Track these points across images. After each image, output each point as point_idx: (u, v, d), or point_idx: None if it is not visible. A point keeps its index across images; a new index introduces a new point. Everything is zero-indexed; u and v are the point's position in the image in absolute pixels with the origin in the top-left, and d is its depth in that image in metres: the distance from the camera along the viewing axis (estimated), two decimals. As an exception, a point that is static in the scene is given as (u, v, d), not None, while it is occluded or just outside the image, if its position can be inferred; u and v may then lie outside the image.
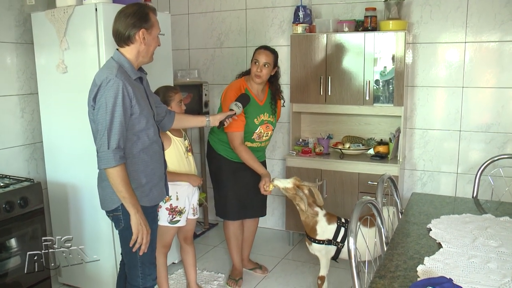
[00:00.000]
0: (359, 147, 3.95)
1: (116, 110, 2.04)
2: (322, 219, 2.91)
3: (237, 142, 3.08)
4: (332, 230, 2.90)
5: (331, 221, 2.92)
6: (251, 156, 3.09)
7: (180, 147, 2.85)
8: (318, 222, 2.90)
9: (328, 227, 2.90)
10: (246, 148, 3.10)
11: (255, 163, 3.09)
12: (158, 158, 2.29)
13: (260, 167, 3.09)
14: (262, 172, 3.06)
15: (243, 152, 3.08)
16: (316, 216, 2.90)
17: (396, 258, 1.77)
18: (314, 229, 2.91)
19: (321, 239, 2.90)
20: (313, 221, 2.90)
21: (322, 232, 2.90)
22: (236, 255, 3.46)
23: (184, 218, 2.91)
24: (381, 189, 2.24)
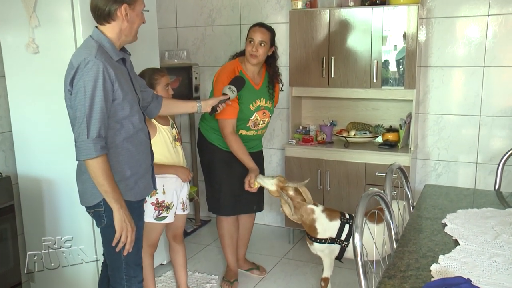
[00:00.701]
0: (365, 134, 3.95)
1: (96, 95, 2.02)
2: (320, 216, 2.90)
3: (227, 130, 3.07)
4: (335, 227, 2.90)
5: (333, 217, 2.91)
6: (241, 147, 3.09)
7: (166, 136, 2.84)
8: (317, 220, 2.89)
9: (330, 224, 2.90)
10: (237, 138, 3.10)
11: (244, 155, 3.09)
12: (144, 148, 2.28)
13: (249, 160, 3.09)
14: (250, 166, 3.07)
15: (233, 142, 3.08)
16: (312, 213, 2.90)
17: (407, 256, 1.77)
18: (314, 227, 2.91)
19: (323, 238, 2.90)
20: (310, 219, 2.90)
21: (323, 230, 2.90)
22: (230, 254, 3.47)
23: (171, 214, 2.91)
24: (389, 180, 2.23)
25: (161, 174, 2.78)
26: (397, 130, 3.89)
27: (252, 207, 3.45)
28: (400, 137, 3.77)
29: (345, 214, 2.94)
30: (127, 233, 2.15)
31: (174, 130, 2.94)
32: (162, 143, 2.83)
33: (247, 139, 3.15)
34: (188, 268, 3.60)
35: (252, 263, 3.70)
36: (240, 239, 3.57)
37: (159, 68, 3.06)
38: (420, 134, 3.98)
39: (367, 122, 4.09)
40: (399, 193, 2.60)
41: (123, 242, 2.16)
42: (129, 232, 2.16)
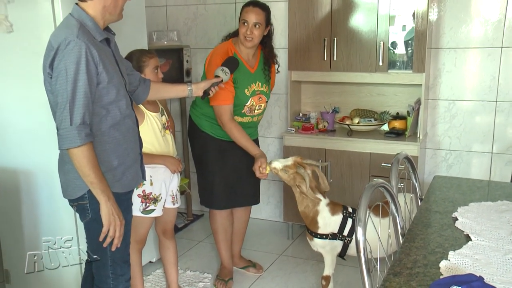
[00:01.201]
0: (370, 122, 3.94)
1: (79, 78, 2.01)
2: (324, 209, 2.91)
3: (226, 118, 3.06)
4: (336, 222, 2.91)
5: (335, 211, 2.92)
6: (243, 134, 3.08)
7: (155, 123, 2.83)
8: (320, 213, 2.90)
9: (331, 218, 2.90)
10: (237, 125, 3.09)
11: (248, 142, 3.08)
12: (131, 136, 2.28)
13: (254, 147, 3.08)
14: (256, 152, 3.06)
15: (234, 130, 3.07)
16: (317, 204, 2.90)
17: (414, 252, 1.77)
18: (315, 221, 2.91)
19: (324, 233, 2.90)
20: (314, 211, 2.90)
21: (324, 225, 2.91)
22: (225, 251, 3.47)
23: (160, 207, 2.91)
24: (395, 170, 2.23)
25: (149, 164, 2.77)
26: (405, 117, 3.88)
27: (247, 200, 3.45)
28: (408, 125, 3.76)
29: (347, 208, 2.95)
30: (116, 227, 2.15)
31: (164, 117, 2.92)
32: (150, 130, 2.82)
33: (242, 126, 3.14)
34: (179, 266, 3.61)
35: (248, 260, 3.71)
36: (235, 234, 3.57)
37: (148, 49, 3.04)
38: (430, 121, 3.98)
39: (372, 109, 4.08)
40: (406, 185, 2.60)
41: (111, 236, 2.16)
42: (118, 226, 2.16)
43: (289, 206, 4.06)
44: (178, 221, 4.54)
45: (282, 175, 2.94)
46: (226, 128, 3.09)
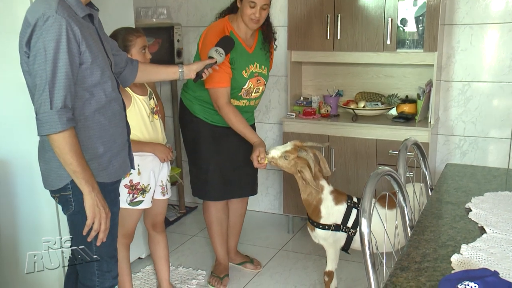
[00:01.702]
0: (377, 106, 3.94)
1: (59, 58, 1.99)
2: (327, 197, 2.91)
3: (222, 101, 3.06)
4: (340, 212, 2.91)
5: (339, 201, 2.92)
6: (241, 119, 3.08)
7: (142, 107, 2.83)
8: (323, 201, 2.91)
9: (335, 208, 2.91)
10: (235, 109, 3.09)
11: (246, 128, 3.08)
12: (118, 121, 2.27)
13: (252, 134, 3.08)
14: (255, 140, 3.05)
15: (231, 115, 3.06)
16: (321, 192, 2.91)
17: (423, 246, 1.77)
18: (318, 210, 2.92)
19: (327, 224, 2.91)
20: (317, 198, 2.91)
21: (327, 215, 2.91)
22: (220, 246, 3.48)
23: (148, 198, 2.91)
24: (403, 157, 2.23)
25: (136, 152, 2.76)
26: (415, 100, 3.88)
27: (244, 191, 3.46)
28: (418, 109, 3.76)
29: (352, 197, 2.95)
30: (101, 219, 2.15)
31: (152, 101, 2.91)
32: (137, 115, 2.81)
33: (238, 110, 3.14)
34: (171, 262, 3.61)
35: (245, 255, 3.72)
36: (231, 228, 3.58)
37: (135, 27, 3.02)
38: (442, 105, 3.97)
39: (379, 92, 4.07)
40: (415, 174, 2.60)
41: (96, 230, 2.16)
42: (103, 219, 2.15)
43: (289, 197, 4.07)
44: (170, 214, 4.55)
45: (282, 164, 2.93)
46: (222, 113, 3.08)
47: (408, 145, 2.35)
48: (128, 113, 2.69)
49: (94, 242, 2.21)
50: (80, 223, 2.18)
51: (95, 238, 2.19)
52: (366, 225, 1.71)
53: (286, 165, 2.93)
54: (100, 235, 2.18)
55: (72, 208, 2.21)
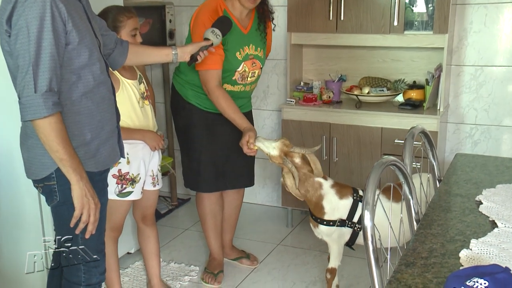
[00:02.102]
0: (382, 92, 3.94)
1: (43, 37, 1.98)
2: (329, 192, 2.91)
3: (212, 84, 3.05)
4: (345, 207, 2.91)
5: (343, 195, 2.92)
6: (231, 104, 3.08)
7: (132, 92, 2.82)
8: (325, 197, 2.91)
9: (339, 202, 2.91)
10: (225, 93, 3.08)
11: (235, 114, 3.08)
12: (107, 106, 2.27)
13: (242, 119, 3.08)
14: (244, 126, 3.05)
15: (221, 99, 3.06)
16: (319, 188, 2.91)
17: (430, 240, 1.78)
18: (320, 206, 2.92)
19: (331, 220, 2.92)
20: (316, 195, 2.91)
21: (331, 210, 2.92)
22: (214, 240, 3.49)
23: (138, 189, 2.91)
24: (410, 146, 2.23)
25: (125, 140, 2.76)
26: (423, 86, 3.88)
27: (240, 181, 3.46)
28: (427, 96, 3.76)
29: (358, 191, 2.95)
30: (90, 210, 2.15)
31: (143, 85, 2.91)
32: (126, 101, 2.80)
33: (233, 96, 3.14)
34: (162, 257, 3.63)
35: (241, 251, 3.73)
36: (226, 221, 3.59)
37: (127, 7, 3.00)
38: (453, 91, 3.97)
39: (385, 77, 4.07)
40: (422, 164, 2.60)
41: (85, 222, 2.15)
42: (92, 210, 2.15)
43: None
44: (161, 206, 4.55)
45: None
46: (212, 97, 3.08)
47: (415, 134, 2.35)
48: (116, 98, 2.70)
49: (81, 235, 2.21)
50: (66, 215, 2.18)
51: (82, 232, 2.20)
52: (369, 218, 1.71)
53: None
54: (89, 227, 2.18)
55: (57, 199, 2.21)
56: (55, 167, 2.13)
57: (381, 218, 1.98)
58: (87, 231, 2.19)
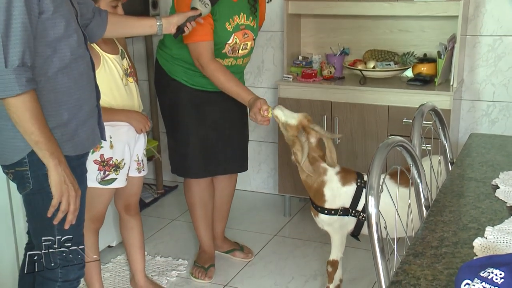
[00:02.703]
0: (389, 67, 3.94)
1: (13, 5, 1.96)
2: (332, 179, 2.92)
3: (206, 58, 3.04)
4: (348, 194, 2.92)
5: (347, 181, 2.93)
6: (231, 77, 3.06)
7: (114, 68, 2.81)
8: (327, 183, 2.92)
9: (342, 189, 2.92)
10: (222, 66, 3.07)
11: (238, 86, 3.06)
12: (86, 83, 2.26)
13: (246, 91, 3.04)
14: (250, 97, 2.99)
15: (218, 72, 3.04)
16: (323, 174, 2.92)
17: (441, 228, 1.79)
18: (321, 193, 2.93)
19: (333, 208, 2.93)
20: (318, 181, 2.92)
21: (332, 197, 2.93)
22: (204, 231, 3.50)
23: (122, 176, 2.92)
24: (418, 125, 2.23)
25: (108, 122, 2.76)
26: (435, 60, 3.88)
27: (232, 166, 3.47)
28: (439, 70, 3.76)
29: (363, 176, 2.95)
30: (70, 198, 2.14)
31: (125, 61, 2.90)
32: (109, 78, 2.79)
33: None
34: (147, 250, 3.63)
35: (234, 242, 3.75)
36: (217, 210, 3.60)
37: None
38: (468, 65, 3.98)
39: (392, 50, 4.06)
40: (433, 145, 2.61)
41: (64, 211, 2.15)
42: (72, 197, 2.14)
43: (286, 175, 4.09)
44: (145, 194, 4.55)
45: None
46: (207, 72, 3.06)
47: (425, 112, 2.35)
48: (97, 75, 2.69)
49: (57, 226, 2.21)
50: (40, 204, 2.18)
51: (59, 223, 2.19)
52: (373, 205, 1.72)
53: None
54: (69, 217, 2.18)
55: (30, 187, 2.20)
56: (28, 150, 2.12)
57: (387, 205, 1.99)
58: (67, 221, 2.18)
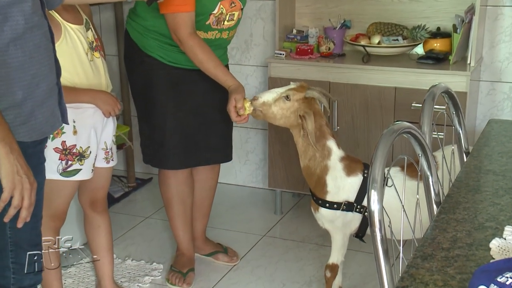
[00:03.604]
0: (397, 42, 3.94)
1: None
2: (336, 166, 2.93)
3: (185, 31, 3.04)
4: (353, 186, 2.94)
5: (352, 171, 2.94)
6: (211, 56, 3.07)
7: (77, 40, 2.80)
8: (330, 170, 2.93)
9: (346, 180, 2.94)
10: (202, 42, 3.08)
11: (218, 68, 3.08)
12: (44, 57, 2.25)
13: (227, 75, 3.08)
14: (230, 84, 3.04)
15: (198, 49, 3.05)
16: (327, 157, 2.94)
17: (453, 228, 1.80)
18: (323, 181, 2.94)
19: (335, 201, 2.94)
20: (322, 166, 2.93)
21: (335, 189, 2.94)
22: (182, 231, 3.51)
23: (88, 166, 2.91)
24: (429, 110, 2.24)
25: (71, 104, 2.75)
26: (449, 34, 3.89)
27: (215, 156, 3.48)
28: (454, 46, 3.77)
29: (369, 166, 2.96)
30: (23, 191, 2.14)
31: (91, 32, 2.89)
32: (71, 51, 2.78)
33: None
34: (116, 253, 3.63)
35: (217, 244, 3.76)
36: (198, 206, 3.61)
37: None
38: (488, 40, 3.99)
39: (400, 23, 4.07)
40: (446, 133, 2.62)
41: (17, 207, 2.14)
42: (27, 191, 2.13)
43: (277, 167, 4.10)
44: (114, 188, 4.55)
45: (277, 111, 2.94)
46: (185, 47, 3.06)
47: (437, 94, 2.35)
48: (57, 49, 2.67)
49: (9, 224, 2.20)
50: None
51: (12, 220, 2.19)
52: (376, 200, 1.72)
53: (283, 112, 2.94)
54: (23, 213, 2.16)
55: (-26, 178, 2.20)
56: None
57: (391, 201, 2.00)
58: (20, 218, 2.17)
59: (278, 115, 2.95)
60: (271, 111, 2.95)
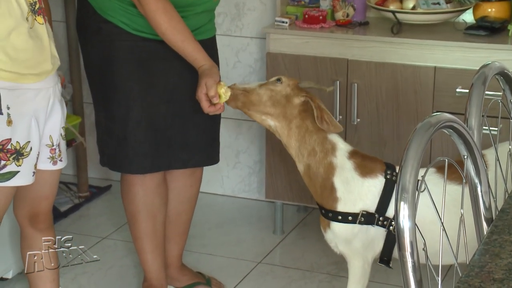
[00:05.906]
0: (438, 7, 3.95)
1: None
2: (345, 164, 2.95)
3: None
4: (372, 191, 2.95)
5: (368, 171, 2.96)
6: (178, 23, 3.09)
7: (15, 2, 2.81)
8: (337, 170, 2.95)
9: (362, 183, 2.96)
10: (169, 6, 3.09)
11: (186, 41, 3.10)
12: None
13: (199, 52, 3.11)
14: (202, 63, 3.08)
15: (161, 15, 3.06)
16: (331, 152, 2.96)
17: (508, 253, 1.79)
18: (330, 185, 2.96)
19: (350, 212, 2.95)
20: (325, 164, 2.95)
21: (347, 194, 2.96)
22: (152, 255, 3.52)
23: (28, 167, 2.91)
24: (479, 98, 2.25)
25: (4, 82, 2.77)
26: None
27: (195, 156, 3.49)
28: (512, 13, 3.81)
29: (394, 167, 2.98)
30: None
31: (31, -8, 2.91)
32: (5, 16, 2.80)
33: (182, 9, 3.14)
34: (63, 284, 3.64)
35: (197, 273, 3.78)
36: (172, 223, 3.63)
37: None
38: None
39: (442, -18, 4.10)
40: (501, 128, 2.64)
41: None
42: None
43: (277, 172, 4.12)
44: (62, 199, 4.56)
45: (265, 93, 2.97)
46: (146, 10, 3.07)
47: (489, 77, 2.36)
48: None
49: None
50: None
51: None
52: (407, 216, 1.72)
53: (272, 94, 2.96)
54: None
55: None
56: None
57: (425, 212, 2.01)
58: None
59: (266, 98, 2.97)
60: (256, 92, 2.98)
